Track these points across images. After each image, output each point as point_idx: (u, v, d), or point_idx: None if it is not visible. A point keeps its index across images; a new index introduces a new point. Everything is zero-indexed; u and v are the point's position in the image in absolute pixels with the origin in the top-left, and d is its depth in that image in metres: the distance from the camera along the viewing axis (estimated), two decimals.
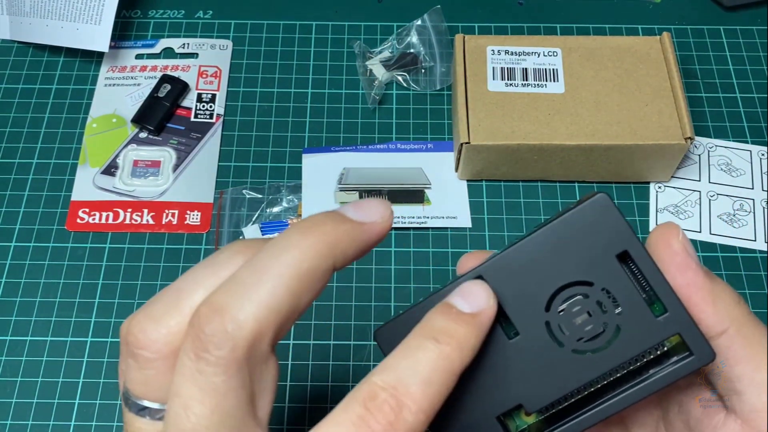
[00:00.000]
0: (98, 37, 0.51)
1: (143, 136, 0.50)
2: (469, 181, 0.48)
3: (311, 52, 0.54)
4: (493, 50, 0.48)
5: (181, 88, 0.51)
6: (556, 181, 0.48)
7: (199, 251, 0.45)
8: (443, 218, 0.46)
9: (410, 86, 0.52)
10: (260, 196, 0.47)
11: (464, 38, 0.48)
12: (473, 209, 0.47)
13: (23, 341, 0.42)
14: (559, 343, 0.24)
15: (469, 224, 0.46)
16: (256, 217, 0.46)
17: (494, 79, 0.47)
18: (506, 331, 0.24)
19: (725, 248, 0.46)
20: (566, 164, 0.46)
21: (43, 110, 0.51)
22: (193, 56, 0.53)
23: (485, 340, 0.23)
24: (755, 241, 0.46)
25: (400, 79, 0.51)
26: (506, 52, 0.48)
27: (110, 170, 0.48)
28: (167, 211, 0.47)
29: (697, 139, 0.49)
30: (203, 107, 0.51)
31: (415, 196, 0.47)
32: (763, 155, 0.49)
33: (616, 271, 0.23)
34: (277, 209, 0.47)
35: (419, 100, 0.51)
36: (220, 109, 0.51)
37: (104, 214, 0.46)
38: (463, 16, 0.55)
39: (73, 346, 0.42)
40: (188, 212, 0.47)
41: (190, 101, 0.51)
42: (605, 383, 0.24)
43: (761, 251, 0.46)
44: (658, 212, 0.47)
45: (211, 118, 0.51)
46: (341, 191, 0.47)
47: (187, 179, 0.48)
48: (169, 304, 0.22)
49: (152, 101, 0.50)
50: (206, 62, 0.53)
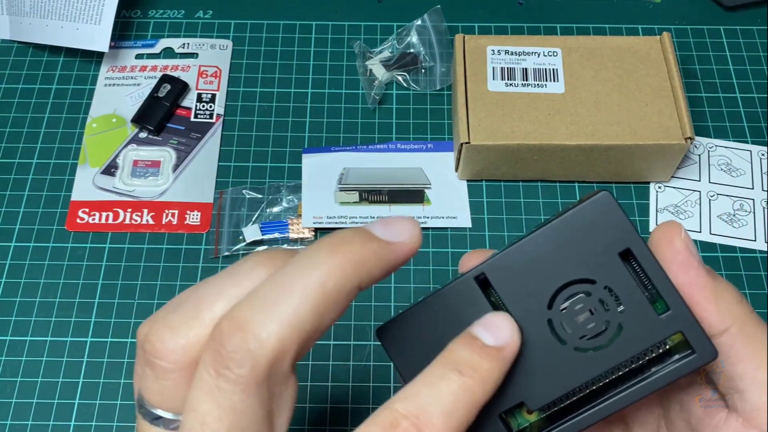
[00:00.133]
0: (98, 37, 0.51)
1: (143, 136, 0.50)
2: (469, 181, 0.48)
3: (311, 52, 0.54)
4: (493, 50, 0.48)
5: (181, 88, 0.51)
6: (556, 181, 0.48)
7: (199, 251, 0.45)
8: (443, 218, 0.46)
9: (410, 86, 0.52)
10: (260, 196, 0.47)
11: (464, 38, 0.48)
12: (473, 209, 0.47)
13: (23, 341, 0.42)
14: (561, 341, 0.24)
15: (469, 224, 0.46)
16: (256, 217, 0.46)
17: (494, 79, 0.47)
18: None
19: (725, 248, 0.46)
20: (566, 164, 0.46)
21: (43, 110, 0.51)
22: (193, 56, 0.53)
23: None
24: (755, 241, 0.46)
25: (400, 79, 0.51)
26: (506, 52, 0.48)
27: (110, 170, 0.48)
28: (167, 211, 0.47)
29: (697, 139, 0.49)
30: (203, 107, 0.51)
31: (415, 196, 0.47)
32: (763, 155, 0.49)
33: (618, 269, 0.23)
34: (277, 209, 0.47)
35: (419, 100, 0.51)
36: (220, 109, 0.51)
37: (104, 214, 0.46)
38: (463, 16, 0.55)
39: (72, 346, 0.42)
40: (188, 212, 0.47)
41: (190, 101, 0.51)
42: (607, 381, 0.24)
43: (761, 251, 0.46)
44: (658, 212, 0.47)
45: (211, 118, 0.51)
46: (341, 191, 0.47)
47: (187, 179, 0.48)
48: (188, 314, 0.21)
49: (152, 101, 0.50)
50: (206, 62, 0.53)
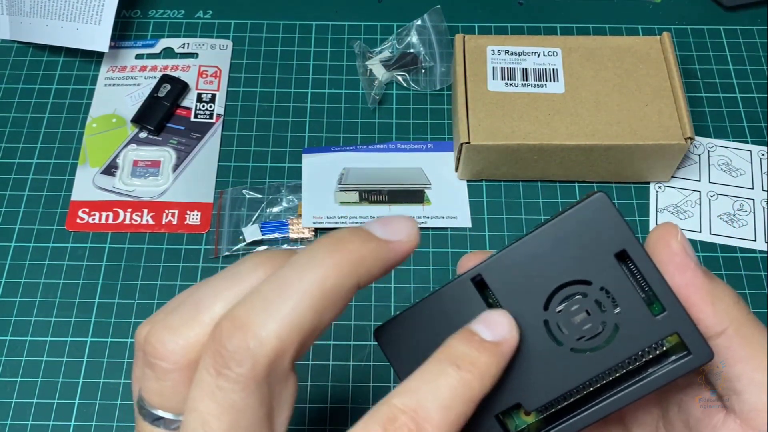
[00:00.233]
0: (98, 37, 0.51)
1: (143, 136, 0.50)
2: (469, 181, 0.48)
3: (311, 52, 0.54)
4: (493, 50, 0.48)
5: (181, 88, 0.51)
6: (556, 181, 0.48)
7: (199, 251, 0.45)
8: (443, 218, 0.46)
9: (410, 86, 0.52)
10: (260, 196, 0.47)
11: (464, 38, 0.48)
12: (473, 209, 0.47)
13: (23, 341, 0.42)
14: (557, 342, 0.24)
15: (469, 224, 0.46)
16: (256, 217, 0.46)
17: (494, 79, 0.47)
18: None
19: (725, 248, 0.46)
20: (566, 164, 0.46)
21: (43, 110, 0.51)
22: (193, 56, 0.53)
23: None
24: (755, 241, 0.46)
25: (400, 79, 0.51)
26: (506, 52, 0.48)
27: (110, 170, 0.48)
28: (167, 211, 0.47)
29: (697, 139, 0.49)
30: (203, 107, 0.51)
31: (415, 196, 0.47)
32: (763, 155, 0.49)
33: (614, 270, 0.23)
34: (277, 209, 0.47)
35: (419, 100, 0.51)
36: (220, 109, 0.51)
37: (104, 214, 0.46)
38: (463, 16, 0.55)
39: (72, 346, 0.42)
40: (188, 212, 0.47)
41: (190, 101, 0.51)
42: (604, 382, 0.24)
43: (761, 251, 0.46)
44: (658, 212, 0.47)
45: (211, 118, 0.51)
46: (341, 191, 0.47)
47: (187, 179, 0.48)
48: (188, 314, 0.22)
49: (152, 101, 0.50)
50: (206, 62, 0.53)
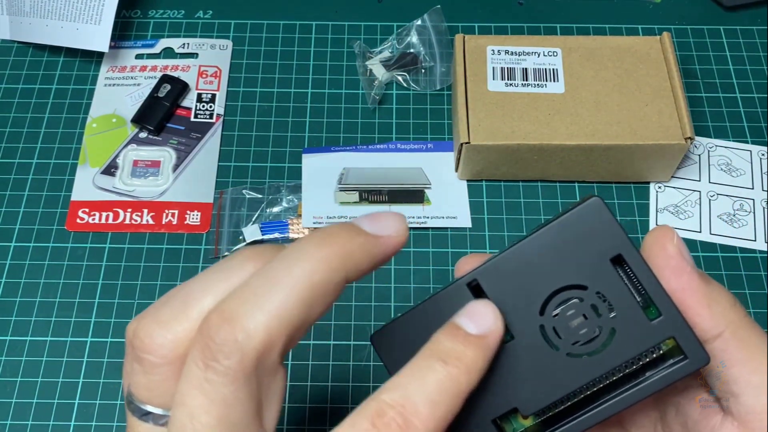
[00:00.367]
0: (98, 37, 0.51)
1: (143, 136, 0.50)
2: (469, 181, 0.48)
3: (311, 52, 0.54)
4: (493, 50, 0.48)
5: (181, 88, 0.51)
6: (556, 181, 0.48)
7: (199, 251, 0.45)
8: (443, 218, 0.46)
9: (410, 86, 0.52)
10: (260, 196, 0.47)
11: (464, 38, 0.48)
12: (473, 209, 0.47)
13: (23, 341, 0.42)
14: (553, 346, 0.24)
15: (469, 224, 0.46)
16: (256, 217, 0.46)
17: (494, 79, 0.47)
18: None
19: (725, 248, 0.46)
20: (566, 164, 0.46)
21: (43, 110, 0.51)
22: (193, 56, 0.53)
23: None
24: (755, 241, 0.46)
25: (400, 79, 0.51)
26: (506, 52, 0.48)
27: (110, 170, 0.48)
28: (167, 211, 0.47)
29: (697, 139, 0.49)
30: (203, 107, 0.51)
31: (415, 196, 0.47)
32: (763, 155, 0.49)
33: (610, 274, 0.23)
34: (277, 209, 0.47)
35: (419, 100, 0.51)
36: (220, 109, 0.51)
37: (104, 214, 0.46)
38: (463, 16, 0.55)
39: (72, 346, 0.42)
40: (188, 212, 0.47)
41: (190, 101, 0.51)
42: (601, 386, 0.24)
43: (761, 251, 0.46)
44: (658, 212, 0.47)
45: (211, 118, 0.51)
46: (341, 191, 0.47)
47: (187, 179, 0.48)
48: (176, 308, 0.22)
49: (152, 101, 0.50)
50: (206, 62, 0.53)
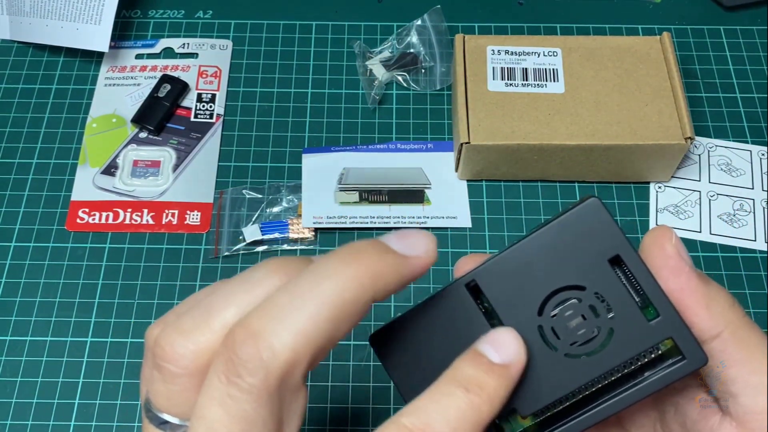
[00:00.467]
0: (98, 37, 0.51)
1: (143, 136, 0.50)
2: (469, 181, 0.48)
3: (311, 52, 0.54)
4: (493, 50, 0.48)
5: (181, 88, 0.51)
6: (556, 181, 0.48)
7: (199, 251, 0.45)
8: (443, 218, 0.46)
9: (410, 86, 0.51)
10: (260, 196, 0.47)
11: (464, 38, 0.48)
12: (473, 209, 0.47)
13: (23, 341, 0.42)
14: (552, 347, 0.24)
15: (469, 224, 0.46)
16: (256, 217, 0.46)
17: (494, 79, 0.47)
18: None
19: (725, 248, 0.46)
20: (566, 164, 0.46)
21: (43, 110, 0.51)
22: (193, 56, 0.53)
23: (472, 336, 0.22)
24: (755, 241, 0.46)
25: (400, 79, 0.51)
26: (506, 52, 0.48)
27: (110, 170, 0.48)
28: (167, 211, 0.47)
29: (697, 139, 0.49)
30: (203, 107, 0.51)
31: (415, 196, 0.47)
32: (763, 155, 0.49)
33: (608, 275, 0.23)
34: (277, 209, 0.47)
35: (419, 100, 0.51)
36: (220, 109, 0.51)
37: (104, 214, 0.46)
38: (463, 16, 0.55)
39: (73, 346, 0.42)
40: (188, 212, 0.47)
41: (190, 101, 0.51)
42: (599, 386, 0.24)
43: (761, 251, 0.46)
44: (658, 212, 0.47)
45: (211, 118, 0.51)
46: (341, 191, 0.47)
47: (187, 179, 0.48)
48: (199, 318, 0.21)
49: (152, 101, 0.50)
50: (206, 62, 0.53)
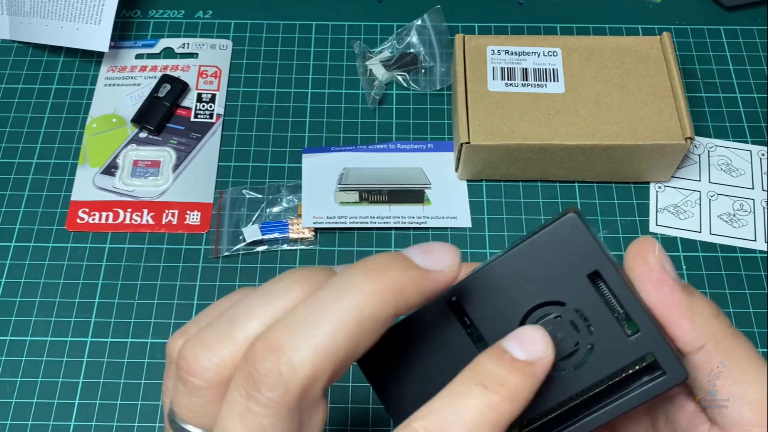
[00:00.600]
0: (98, 37, 0.51)
1: (143, 136, 0.50)
2: (469, 181, 0.48)
3: (311, 52, 0.54)
4: (493, 50, 0.48)
5: (181, 88, 0.51)
6: (556, 181, 0.48)
7: (199, 251, 0.45)
8: (443, 218, 0.46)
9: (410, 86, 0.51)
10: (260, 196, 0.47)
11: (464, 38, 0.48)
12: (473, 209, 0.47)
13: (23, 341, 0.42)
14: None
15: (469, 224, 0.46)
16: (256, 217, 0.46)
17: (494, 79, 0.47)
18: (481, 350, 0.24)
19: (725, 248, 0.46)
20: (566, 164, 0.46)
21: (43, 110, 0.51)
22: (193, 56, 0.53)
23: (458, 359, 0.22)
24: (755, 241, 0.46)
25: (400, 79, 0.51)
26: (506, 52, 0.48)
27: (110, 170, 0.48)
28: (167, 211, 0.47)
29: (697, 139, 0.49)
30: (203, 107, 0.51)
31: (415, 196, 0.47)
32: (763, 155, 0.49)
33: (587, 291, 0.23)
34: (277, 209, 0.47)
35: (419, 100, 0.51)
36: (220, 109, 0.51)
37: (104, 214, 0.46)
38: (463, 16, 0.55)
39: (72, 346, 0.42)
40: (188, 212, 0.47)
41: (190, 101, 0.51)
42: (581, 400, 0.24)
43: (761, 251, 0.46)
44: (658, 212, 0.47)
45: (211, 118, 0.51)
46: (341, 191, 0.47)
47: (187, 179, 0.48)
48: (222, 332, 0.21)
49: (152, 101, 0.50)
50: (206, 62, 0.53)
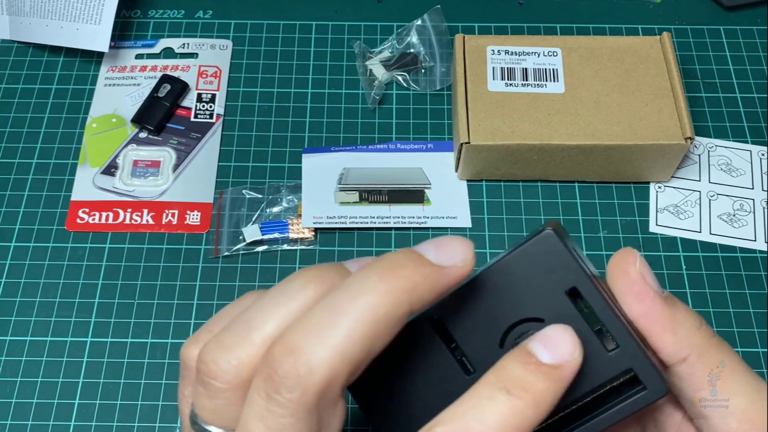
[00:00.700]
0: (98, 37, 0.51)
1: (143, 136, 0.50)
2: (469, 181, 0.48)
3: (311, 52, 0.54)
4: (493, 50, 0.48)
5: (181, 88, 0.51)
6: (556, 181, 0.48)
7: (199, 251, 0.45)
8: (443, 218, 0.46)
9: (410, 86, 0.52)
10: (260, 196, 0.47)
11: (464, 38, 0.48)
12: (473, 209, 0.47)
13: (23, 341, 0.42)
14: None
15: (469, 224, 0.46)
16: (256, 217, 0.46)
17: (494, 79, 0.47)
18: (463, 367, 0.24)
19: (725, 248, 0.46)
20: (566, 164, 0.46)
21: (43, 110, 0.51)
22: (193, 56, 0.53)
23: (444, 380, 0.22)
24: (755, 241, 0.46)
25: (400, 79, 0.51)
26: (506, 52, 0.48)
27: (110, 170, 0.48)
28: (167, 211, 0.47)
29: (697, 139, 0.49)
30: (203, 107, 0.51)
31: (415, 196, 0.47)
32: (763, 155, 0.49)
33: (566, 307, 0.23)
34: (277, 209, 0.47)
35: (419, 100, 0.51)
36: (220, 109, 0.51)
37: (104, 214, 0.46)
38: (463, 16, 0.55)
39: (72, 346, 0.42)
40: (188, 212, 0.47)
41: (190, 101, 0.51)
42: (563, 414, 0.24)
43: (761, 251, 0.46)
44: (658, 212, 0.47)
45: (211, 118, 0.51)
46: (341, 191, 0.47)
47: (187, 179, 0.48)
48: (240, 335, 0.22)
49: (152, 101, 0.50)
50: (206, 62, 0.53)
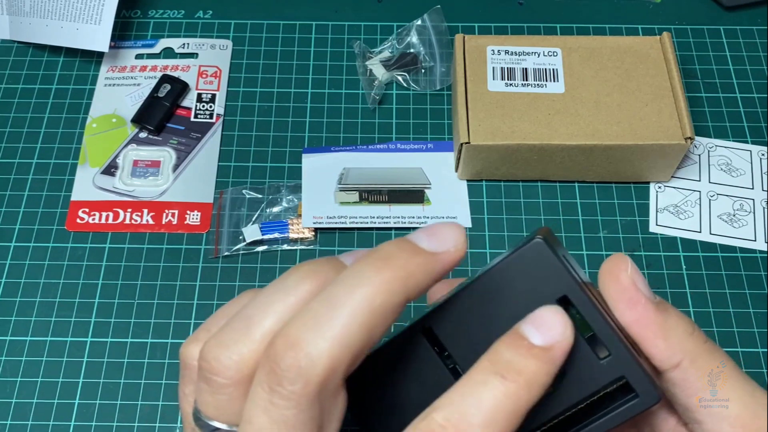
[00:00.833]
0: (98, 37, 0.51)
1: (143, 136, 0.50)
2: (469, 181, 0.48)
3: (311, 52, 0.54)
4: (493, 50, 0.48)
5: (181, 88, 0.51)
6: (556, 181, 0.48)
7: (199, 251, 0.45)
8: (443, 218, 0.46)
9: (410, 86, 0.51)
10: (260, 196, 0.47)
11: (464, 38, 0.48)
12: (473, 209, 0.47)
13: (23, 341, 0.42)
14: None
15: (469, 224, 0.46)
16: (256, 217, 0.46)
17: (494, 79, 0.47)
18: (454, 374, 0.24)
19: (725, 248, 0.46)
20: (566, 164, 0.46)
21: (43, 110, 0.51)
22: (193, 56, 0.53)
23: (435, 389, 0.22)
24: (755, 241, 0.46)
25: (400, 79, 0.51)
26: (506, 52, 0.48)
27: (110, 170, 0.48)
28: (167, 211, 0.47)
29: (697, 139, 0.49)
30: (203, 107, 0.51)
31: (415, 196, 0.47)
32: (763, 155, 0.49)
33: None
34: (277, 209, 0.47)
35: (419, 100, 0.51)
36: (220, 109, 0.51)
37: (104, 214, 0.46)
38: (463, 16, 0.55)
39: (72, 346, 0.42)
40: (188, 212, 0.47)
41: (190, 101, 0.51)
42: (556, 422, 0.24)
43: (761, 251, 0.46)
44: (658, 212, 0.47)
45: (211, 118, 0.51)
46: (341, 191, 0.47)
47: (187, 179, 0.48)
48: (240, 331, 0.22)
49: (152, 101, 0.50)
50: (206, 62, 0.53)
